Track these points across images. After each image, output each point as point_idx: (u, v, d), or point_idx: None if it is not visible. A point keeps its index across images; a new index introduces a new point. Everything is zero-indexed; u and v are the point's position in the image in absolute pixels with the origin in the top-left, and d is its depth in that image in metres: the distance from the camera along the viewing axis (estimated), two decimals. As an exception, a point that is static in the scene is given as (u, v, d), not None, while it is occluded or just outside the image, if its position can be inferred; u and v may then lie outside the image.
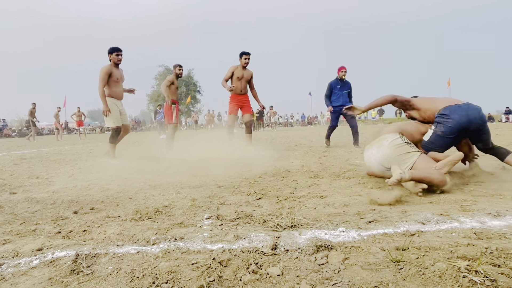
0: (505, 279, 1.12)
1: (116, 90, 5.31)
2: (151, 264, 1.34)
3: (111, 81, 5.21)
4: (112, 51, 5.21)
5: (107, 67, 5.12)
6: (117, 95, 5.34)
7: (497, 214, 1.85)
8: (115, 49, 5.24)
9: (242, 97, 6.38)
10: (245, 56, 6.10)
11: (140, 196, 2.65)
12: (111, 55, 5.21)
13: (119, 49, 5.28)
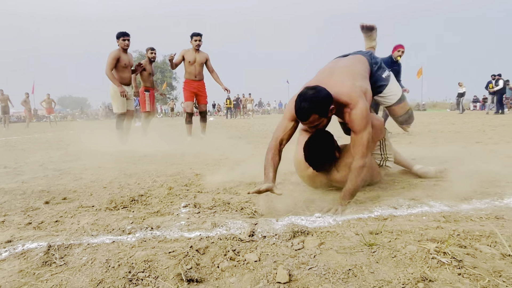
0: (470, 259, 1.18)
1: (123, 76, 5.22)
2: (127, 253, 1.32)
3: (118, 66, 5.13)
4: (119, 35, 5.06)
5: (115, 52, 5.04)
6: (124, 81, 5.24)
7: (464, 198, 1.94)
8: (122, 33, 5.08)
9: (197, 84, 5.85)
10: (195, 37, 5.58)
11: (115, 185, 2.60)
12: (119, 40, 5.07)
13: (126, 34, 5.12)
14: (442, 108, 28.78)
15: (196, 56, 5.69)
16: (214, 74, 6.01)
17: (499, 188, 2.14)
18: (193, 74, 5.75)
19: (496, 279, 1.05)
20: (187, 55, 5.64)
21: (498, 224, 1.51)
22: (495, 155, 3.46)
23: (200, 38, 5.60)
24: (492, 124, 8.16)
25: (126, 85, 5.31)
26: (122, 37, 5.07)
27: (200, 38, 5.60)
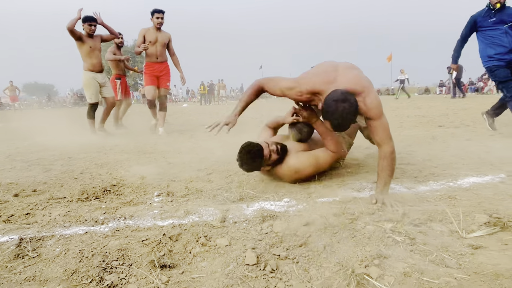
0: (422, 236, 1.29)
1: (93, 62, 4.96)
2: (101, 243, 1.35)
3: (84, 51, 4.85)
4: (84, 20, 4.80)
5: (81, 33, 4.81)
6: (95, 67, 5.00)
7: (422, 180, 2.08)
8: (87, 18, 4.82)
9: (160, 66, 5.27)
10: (157, 14, 5.03)
11: (86, 176, 2.58)
12: (84, 25, 4.81)
13: (91, 18, 4.85)
14: (411, 92, 29.67)
15: (158, 36, 5.15)
16: (175, 58, 5.47)
17: (455, 170, 2.30)
18: (154, 56, 5.21)
19: (443, 254, 1.17)
20: (147, 35, 5.09)
21: (450, 203, 1.65)
22: (455, 138, 3.68)
23: (162, 16, 5.09)
24: (455, 108, 8.55)
25: (98, 71, 5.08)
26: (88, 22, 4.85)
27: (162, 15, 5.09)
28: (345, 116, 1.71)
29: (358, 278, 1.03)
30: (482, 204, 1.61)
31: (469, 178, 2.08)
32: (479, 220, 1.40)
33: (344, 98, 1.72)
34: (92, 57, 4.96)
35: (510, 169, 2.25)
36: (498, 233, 1.30)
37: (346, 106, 1.71)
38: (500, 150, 2.93)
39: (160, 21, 5.06)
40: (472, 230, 1.33)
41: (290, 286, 1.02)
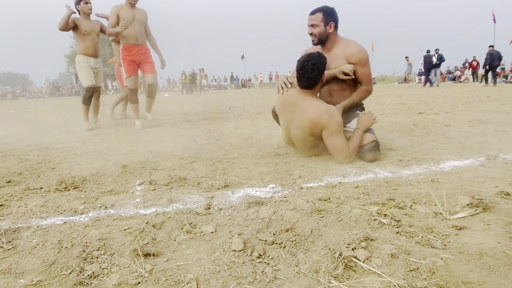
0: (407, 219, 1.30)
1: (87, 45, 4.60)
2: (80, 233, 1.30)
3: (78, 34, 4.49)
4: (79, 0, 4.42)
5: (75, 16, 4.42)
6: (87, 50, 4.64)
7: (405, 165, 2.10)
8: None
9: (140, 49, 4.53)
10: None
11: (64, 166, 2.49)
12: (79, 5, 4.44)
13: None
14: (391, 81, 30.14)
15: (135, 13, 4.39)
16: (152, 39, 4.77)
17: (436, 154, 2.33)
18: (134, 37, 4.43)
19: (428, 235, 1.18)
20: (122, 13, 4.31)
21: (433, 186, 1.67)
22: (435, 125, 3.74)
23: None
24: (434, 96, 8.72)
25: (92, 56, 4.70)
26: (84, 0, 4.45)
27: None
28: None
29: (345, 260, 1.02)
30: (463, 186, 1.64)
31: (450, 162, 2.11)
32: (462, 202, 1.42)
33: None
34: (87, 40, 4.57)
35: (489, 153, 2.30)
36: (480, 214, 1.32)
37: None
38: (478, 135, 3.00)
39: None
40: (456, 212, 1.35)
41: (277, 271, 1.01)
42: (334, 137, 2.13)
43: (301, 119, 2.19)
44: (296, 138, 2.34)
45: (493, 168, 1.94)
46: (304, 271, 0.99)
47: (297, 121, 2.22)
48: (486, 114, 4.52)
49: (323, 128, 2.13)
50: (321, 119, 2.11)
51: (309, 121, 2.14)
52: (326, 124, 2.11)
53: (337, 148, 2.15)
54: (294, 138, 2.36)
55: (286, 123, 2.35)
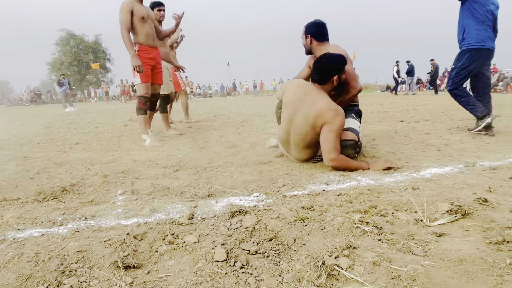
0: (389, 226, 1.32)
1: (164, 50, 4.40)
2: (59, 245, 1.27)
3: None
4: (153, 6, 4.23)
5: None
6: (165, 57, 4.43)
7: (387, 172, 2.13)
8: (156, 3, 4.23)
9: (155, 53, 3.90)
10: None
11: (43, 176, 2.43)
12: (153, 11, 4.23)
13: (161, 3, 4.25)
14: (373, 89, 30.70)
15: (148, 11, 3.81)
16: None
17: (417, 162, 2.38)
18: (150, 37, 3.78)
19: (409, 242, 1.19)
20: (136, 10, 3.61)
21: (414, 193, 1.70)
22: (416, 132, 3.82)
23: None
24: (415, 104, 8.92)
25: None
26: (158, 7, 4.23)
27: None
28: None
29: (328, 269, 1.02)
30: (443, 193, 1.67)
31: (430, 169, 2.16)
32: (442, 208, 1.45)
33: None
34: (161, 46, 4.29)
35: (467, 160, 2.36)
36: (460, 221, 1.35)
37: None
38: (457, 142, 3.08)
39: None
40: (436, 219, 1.37)
41: (260, 281, 1.00)
42: (332, 134, 2.18)
43: (309, 109, 2.26)
44: (295, 131, 2.37)
45: (472, 175, 1.99)
46: (287, 281, 0.99)
47: (305, 110, 2.28)
48: (464, 122, 4.65)
49: (326, 122, 2.20)
50: (327, 113, 2.19)
51: (316, 111, 2.22)
52: (330, 120, 2.18)
53: (330, 146, 2.18)
54: (293, 131, 2.38)
55: (292, 112, 2.37)
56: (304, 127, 2.30)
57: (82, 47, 43.98)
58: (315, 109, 2.22)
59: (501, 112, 5.74)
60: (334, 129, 2.18)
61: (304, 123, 2.29)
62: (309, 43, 2.70)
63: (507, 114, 5.49)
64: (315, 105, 2.24)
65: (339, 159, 2.19)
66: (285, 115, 2.44)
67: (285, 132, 2.47)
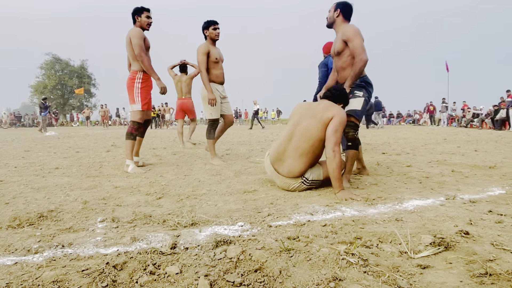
0: (374, 258, 1.31)
1: (217, 73, 4.19)
2: (33, 275, 1.20)
3: (210, 62, 4.09)
4: (208, 25, 4.08)
5: (203, 45, 4.05)
6: (219, 79, 4.22)
7: (371, 203, 2.15)
8: (212, 22, 4.10)
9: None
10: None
11: (20, 201, 2.34)
12: (207, 31, 4.09)
13: (216, 22, 4.13)
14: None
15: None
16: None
17: (400, 193, 2.41)
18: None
19: (395, 274, 1.19)
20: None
21: (398, 225, 1.71)
22: (397, 165, 3.90)
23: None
24: (396, 137, 9.16)
25: (220, 83, 4.29)
26: (213, 25, 4.09)
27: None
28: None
29: (314, 302, 1.00)
30: (426, 225, 1.69)
31: (413, 201, 2.19)
32: (425, 240, 1.46)
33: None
34: (217, 67, 4.19)
35: (448, 192, 2.41)
36: (443, 253, 1.36)
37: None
38: (437, 175, 3.15)
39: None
40: (420, 251, 1.38)
41: (245, 314, 0.97)
42: (338, 127, 2.42)
43: (319, 109, 2.53)
44: (300, 132, 2.53)
45: (453, 207, 2.03)
46: (273, 314, 0.96)
47: (314, 111, 2.55)
48: (443, 155, 4.79)
49: (334, 115, 2.45)
50: (336, 111, 2.48)
51: (325, 107, 2.51)
52: (338, 115, 2.45)
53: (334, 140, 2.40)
54: (298, 133, 2.55)
55: (298, 118, 2.62)
56: (312, 125, 2.50)
57: (67, 71, 43.81)
58: (325, 107, 2.52)
59: (477, 147, 5.95)
60: (339, 122, 2.43)
61: (313, 120, 2.51)
62: (335, 16, 2.95)
63: (483, 149, 5.69)
64: (326, 106, 2.53)
65: (339, 155, 2.38)
66: (290, 124, 2.66)
67: (286, 140, 2.61)
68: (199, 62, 4.00)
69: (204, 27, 4.11)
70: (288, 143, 2.58)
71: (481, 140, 7.91)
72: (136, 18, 3.77)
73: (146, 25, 3.80)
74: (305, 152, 2.50)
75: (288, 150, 2.57)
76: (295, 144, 2.54)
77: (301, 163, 2.52)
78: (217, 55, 4.10)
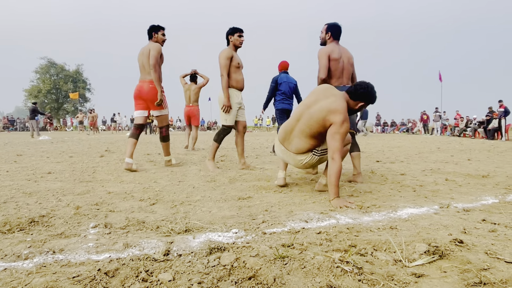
0: (369, 266, 1.31)
1: (238, 78, 4.17)
2: (22, 281, 1.18)
3: (231, 67, 4.08)
4: (234, 31, 4.08)
5: (227, 50, 4.06)
6: (239, 85, 4.20)
7: (365, 211, 2.15)
8: (238, 29, 4.10)
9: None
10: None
11: (11, 206, 2.30)
12: (232, 36, 4.09)
13: (242, 30, 4.13)
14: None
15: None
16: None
17: (394, 202, 2.42)
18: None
19: (389, 283, 1.18)
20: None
21: (392, 233, 1.71)
22: (391, 173, 3.91)
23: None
24: (390, 146, 9.21)
25: (240, 89, 4.26)
26: (239, 32, 4.11)
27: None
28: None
29: (309, 310, 0.99)
30: (420, 234, 1.69)
31: (407, 210, 2.19)
32: (420, 249, 1.46)
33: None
34: (238, 73, 4.18)
35: (442, 201, 2.42)
36: (437, 262, 1.36)
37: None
38: (431, 184, 3.17)
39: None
40: (414, 259, 1.37)
41: (239, 323, 0.96)
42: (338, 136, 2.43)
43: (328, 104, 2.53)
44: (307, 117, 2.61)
45: (446, 216, 2.03)
46: (267, 323, 0.95)
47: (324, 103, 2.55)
48: (437, 164, 4.82)
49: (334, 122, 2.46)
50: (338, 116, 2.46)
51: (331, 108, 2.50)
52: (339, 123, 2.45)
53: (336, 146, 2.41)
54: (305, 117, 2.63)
55: (313, 100, 2.66)
56: (317, 116, 2.54)
57: (62, 75, 43.65)
58: (332, 106, 2.50)
59: (471, 156, 6.01)
60: (341, 131, 2.44)
61: (319, 113, 2.54)
62: (327, 38, 3.49)
63: (476, 158, 5.74)
64: (334, 103, 2.52)
65: (339, 162, 2.38)
66: (302, 103, 2.75)
67: (295, 120, 2.72)
68: (222, 66, 3.98)
69: (229, 32, 4.12)
70: (296, 123, 2.71)
71: (474, 149, 7.98)
72: (153, 34, 4.24)
73: (161, 42, 4.27)
74: (309, 135, 2.63)
75: (295, 130, 2.71)
76: (301, 126, 2.66)
77: (307, 143, 2.66)
78: (239, 61, 4.13)
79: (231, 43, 4.11)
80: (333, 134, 2.44)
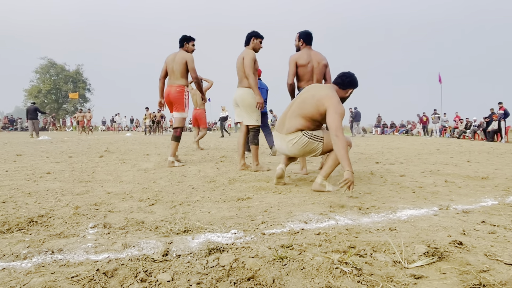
0: (368, 267, 1.31)
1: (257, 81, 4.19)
2: (20, 281, 1.18)
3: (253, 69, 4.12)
4: (258, 36, 4.17)
5: (253, 52, 4.10)
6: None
7: (365, 212, 2.14)
8: (262, 36, 4.20)
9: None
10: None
11: (10, 205, 2.30)
12: (255, 40, 4.16)
13: (263, 37, 4.22)
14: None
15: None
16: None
17: (393, 203, 2.42)
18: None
19: (388, 284, 1.18)
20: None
21: (392, 234, 1.71)
22: (391, 174, 3.91)
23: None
24: (389, 147, 9.21)
25: None
26: (261, 39, 4.21)
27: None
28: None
29: (308, 311, 0.99)
30: (420, 235, 1.69)
31: (406, 211, 2.19)
32: (419, 250, 1.46)
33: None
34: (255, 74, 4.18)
35: (441, 203, 2.42)
36: (437, 263, 1.36)
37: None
38: (431, 185, 3.17)
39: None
40: (413, 260, 1.37)
41: (237, 323, 0.95)
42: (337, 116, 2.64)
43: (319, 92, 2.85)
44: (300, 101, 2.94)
45: (446, 217, 2.03)
46: (265, 324, 0.95)
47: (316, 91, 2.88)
48: (437, 165, 4.82)
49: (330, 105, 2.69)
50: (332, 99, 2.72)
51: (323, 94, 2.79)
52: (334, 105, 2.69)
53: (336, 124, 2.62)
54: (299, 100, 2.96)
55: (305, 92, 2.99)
56: (309, 100, 2.85)
57: (62, 76, 43.66)
58: (324, 92, 2.80)
59: (470, 158, 6.01)
60: (338, 111, 2.65)
61: (311, 97, 2.85)
62: (300, 44, 3.84)
63: (476, 160, 5.74)
64: (325, 90, 2.83)
65: (343, 138, 2.56)
66: (299, 95, 3.06)
67: (288, 107, 3.10)
68: (248, 67, 4.01)
69: (254, 35, 4.19)
70: (289, 109, 3.05)
71: (474, 151, 7.99)
72: (185, 44, 4.71)
73: (191, 51, 4.75)
74: (300, 115, 2.89)
75: (288, 114, 3.01)
76: (293, 109, 2.97)
77: (297, 122, 2.90)
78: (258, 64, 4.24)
79: (252, 45, 4.18)
80: (332, 115, 2.65)
